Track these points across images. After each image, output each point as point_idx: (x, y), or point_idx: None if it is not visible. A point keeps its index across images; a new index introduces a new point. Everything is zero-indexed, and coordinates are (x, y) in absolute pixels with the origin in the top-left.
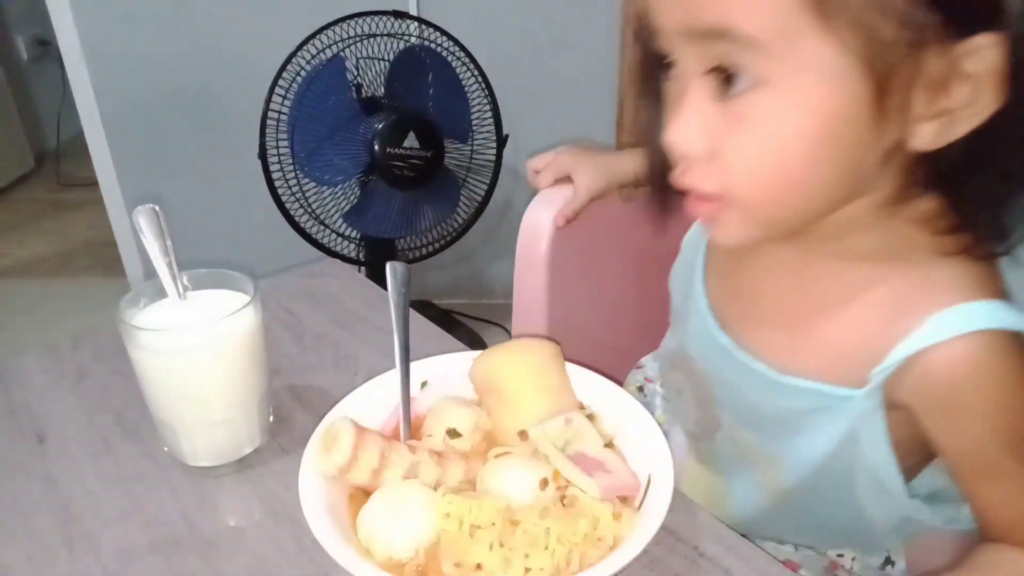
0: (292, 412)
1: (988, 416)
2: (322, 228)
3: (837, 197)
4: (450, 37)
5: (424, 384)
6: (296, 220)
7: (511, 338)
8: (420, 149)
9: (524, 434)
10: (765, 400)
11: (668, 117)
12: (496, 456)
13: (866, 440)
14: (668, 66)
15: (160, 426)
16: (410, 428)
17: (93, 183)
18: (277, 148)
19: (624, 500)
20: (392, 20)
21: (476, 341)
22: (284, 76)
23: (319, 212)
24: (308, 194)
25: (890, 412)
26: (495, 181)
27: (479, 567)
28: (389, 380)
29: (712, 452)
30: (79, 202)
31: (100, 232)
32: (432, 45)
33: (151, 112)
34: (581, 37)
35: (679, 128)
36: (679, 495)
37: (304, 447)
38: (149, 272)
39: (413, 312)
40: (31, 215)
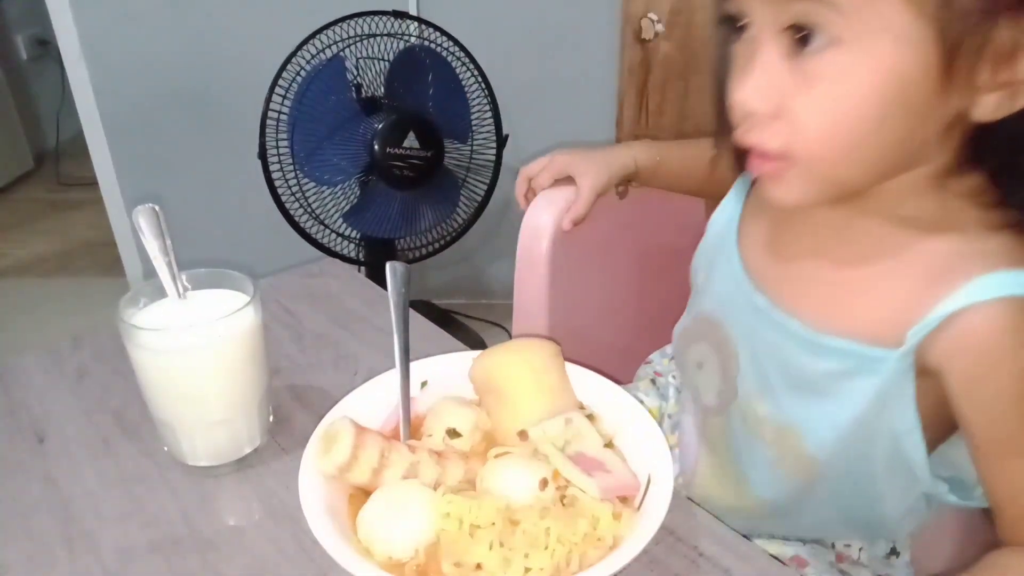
0: (292, 412)
1: (1017, 381)
2: (322, 228)
3: (897, 162)
4: (450, 37)
5: (424, 384)
6: (296, 220)
7: (511, 338)
8: (420, 149)
9: (524, 434)
10: (798, 362)
11: (735, 77)
12: (496, 456)
13: (893, 406)
14: (740, 29)
15: (160, 426)
16: (410, 428)
17: (93, 183)
18: (277, 148)
19: (624, 500)
20: (392, 20)
21: (476, 341)
22: (284, 76)
23: (319, 212)
24: (308, 194)
25: (919, 379)
26: (495, 181)
27: (479, 567)
28: (389, 380)
29: (724, 430)
30: (79, 202)
31: (100, 232)
32: (432, 45)
33: (151, 112)
34: (581, 37)
35: (749, 86)
36: (678, 495)
37: (304, 447)
38: (149, 272)
39: (413, 312)
40: (31, 215)
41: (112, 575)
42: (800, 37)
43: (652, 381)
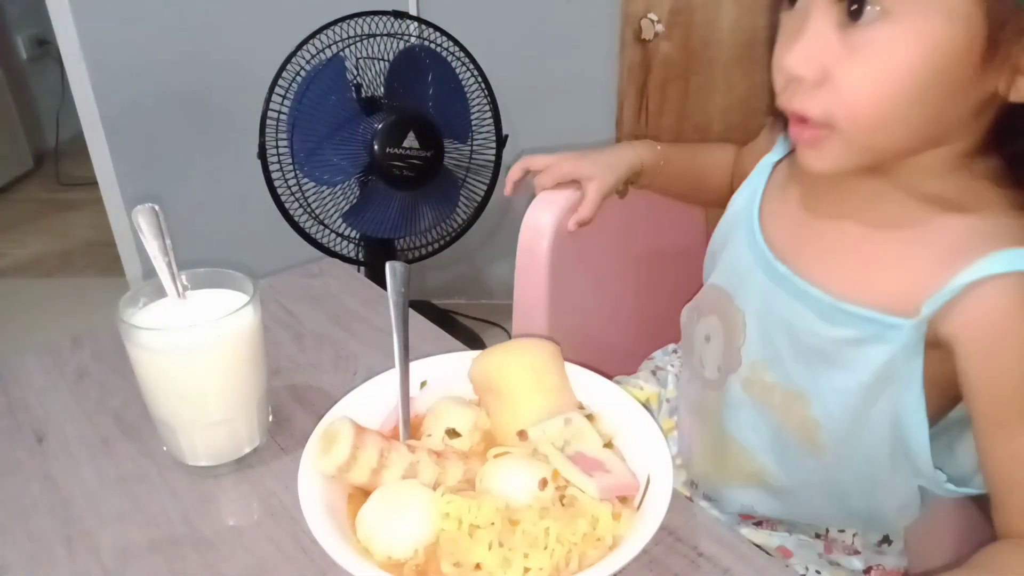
0: (292, 412)
1: None
2: (321, 228)
3: (931, 136)
4: (450, 37)
5: (423, 384)
6: (296, 220)
7: (511, 338)
8: (420, 149)
9: (523, 434)
10: (811, 329)
11: (782, 44)
12: (495, 456)
13: (900, 378)
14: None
15: (160, 426)
16: (409, 428)
17: (92, 183)
18: (277, 148)
19: (623, 500)
20: (392, 20)
21: (476, 341)
22: (284, 76)
23: (318, 212)
24: (308, 194)
25: (928, 351)
26: (495, 181)
27: (478, 567)
28: (388, 380)
29: (719, 404)
30: (78, 202)
31: (99, 232)
32: (432, 45)
33: (150, 112)
34: (581, 37)
35: (797, 50)
36: (678, 495)
37: (303, 447)
38: (148, 272)
39: (412, 312)
40: (30, 215)
41: (111, 575)
42: (853, 9)
43: (652, 372)
